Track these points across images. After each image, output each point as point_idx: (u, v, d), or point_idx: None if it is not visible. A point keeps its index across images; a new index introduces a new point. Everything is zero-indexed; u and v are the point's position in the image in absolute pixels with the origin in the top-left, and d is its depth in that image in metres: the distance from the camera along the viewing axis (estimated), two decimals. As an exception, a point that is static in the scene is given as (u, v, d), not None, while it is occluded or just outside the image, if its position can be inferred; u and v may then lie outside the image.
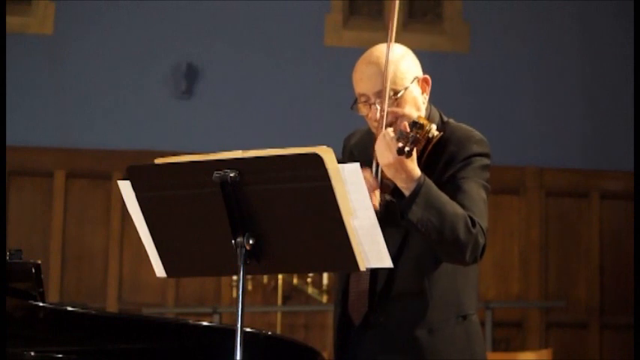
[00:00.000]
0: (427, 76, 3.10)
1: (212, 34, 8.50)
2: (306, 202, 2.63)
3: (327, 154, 2.59)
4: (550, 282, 8.40)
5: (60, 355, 3.57)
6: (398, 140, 2.81)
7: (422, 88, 3.09)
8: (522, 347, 8.00)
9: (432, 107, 3.12)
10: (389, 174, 2.87)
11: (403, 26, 8.69)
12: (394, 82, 3.00)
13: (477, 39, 8.65)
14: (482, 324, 7.26)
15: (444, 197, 2.88)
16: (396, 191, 2.92)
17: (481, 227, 2.91)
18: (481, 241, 2.91)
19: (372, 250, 2.65)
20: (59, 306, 3.86)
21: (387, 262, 2.67)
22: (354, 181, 2.61)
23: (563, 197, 8.53)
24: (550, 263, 8.43)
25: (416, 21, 8.81)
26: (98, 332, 3.71)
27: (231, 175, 2.63)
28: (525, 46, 8.63)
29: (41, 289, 3.55)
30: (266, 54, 8.50)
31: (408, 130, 2.82)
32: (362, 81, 3.04)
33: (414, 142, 2.82)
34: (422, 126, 2.84)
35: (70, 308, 3.71)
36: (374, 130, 3.04)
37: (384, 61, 3.00)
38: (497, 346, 7.77)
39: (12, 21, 8.00)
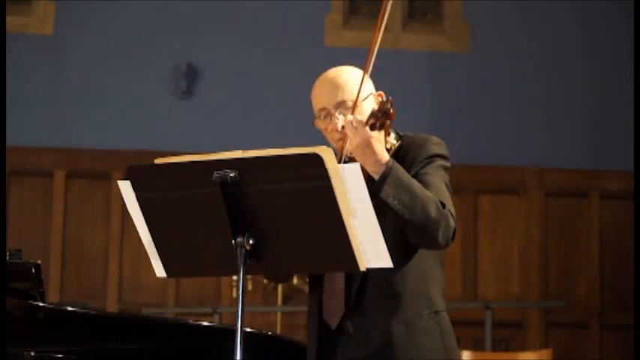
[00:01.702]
0: (381, 92, 3.18)
1: (212, 34, 8.50)
2: (306, 202, 2.64)
3: (327, 154, 2.59)
4: (550, 282, 8.40)
5: (60, 355, 3.57)
6: (369, 118, 2.90)
7: (377, 103, 3.16)
8: (522, 347, 7.99)
9: None
10: (358, 157, 2.89)
11: (403, 26, 8.70)
12: (352, 94, 3.09)
13: (477, 39, 8.65)
14: (482, 324, 7.26)
15: (413, 181, 2.94)
16: None
17: (450, 211, 2.97)
18: (452, 223, 2.96)
19: (372, 250, 2.66)
20: (59, 306, 3.86)
21: (387, 262, 2.68)
22: (354, 181, 2.61)
23: (563, 197, 8.53)
24: (550, 263, 8.43)
25: (416, 21, 8.80)
26: (98, 332, 3.71)
27: (231, 175, 2.63)
28: (525, 46, 8.63)
29: (41, 289, 3.55)
30: (266, 54, 8.50)
31: (377, 107, 2.92)
32: (322, 95, 3.13)
33: (386, 115, 2.90)
34: (391, 102, 2.92)
35: (70, 308, 3.71)
36: (333, 144, 3.10)
37: (339, 77, 3.13)
38: (497, 346, 7.76)
39: (12, 21, 8.00)
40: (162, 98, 8.46)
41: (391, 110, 2.90)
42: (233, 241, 2.68)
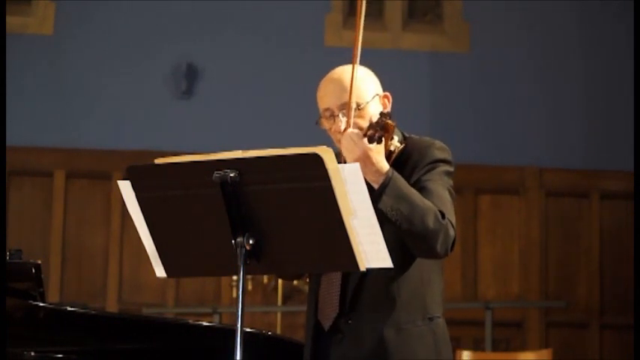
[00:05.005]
0: (387, 93, 3.19)
1: (212, 34, 8.50)
2: (306, 202, 2.64)
3: (327, 154, 2.59)
4: (550, 282, 8.40)
5: (60, 355, 3.57)
6: (368, 130, 2.89)
7: (383, 104, 3.17)
8: (522, 347, 7.99)
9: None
10: None
11: (403, 26, 8.70)
12: (357, 96, 3.08)
13: (477, 39, 8.65)
14: (482, 324, 7.26)
15: (413, 191, 2.94)
16: None
17: (450, 221, 2.96)
18: (451, 233, 2.96)
19: (372, 250, 2.66)
20: (59, 306, 3.86)
21: (387, 262, 2.68)
22: (354, 181, 2.61)
23: (563, 197, 8.53)
24: (550, 263, 8.43)
25: (416, 21, 8.81)
26: (98, 332, 3.71)
27: (231, 175, 2.63)
28: (525, 46, 8.63)
29: (41, 289, 3.55)
30: (266, 54, 8.50)
31: (376, 119, 2.91)
32: (326, 96, 3.13)
33: (384, 128, 2.89)
34: (389, 115, 2.91)
35: (70, 308, 3.71)
36: (337, 144, 3.10)
37: (345, 78, 3.10)
38: (497, 346, 7.76)
39: (12, 21, 8.00)
40: (163, 98, 8.47)
41: (389, 123, 2.90)
42: (233, 241, 2.68)
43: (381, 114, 2.91)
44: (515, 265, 8.43)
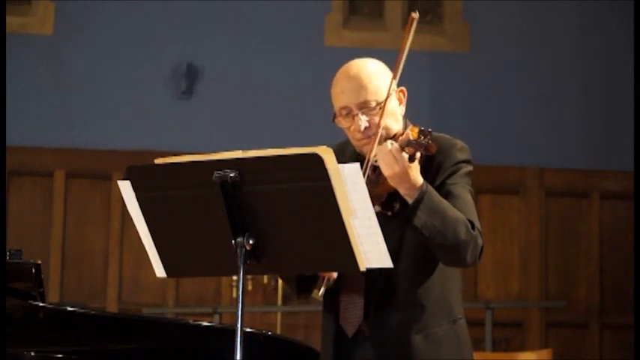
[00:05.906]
0: (403, 88, 3.19)
1: (212, 34, 8.50)
2: (306, 202, 2.63)
3: (327, 154, 2.59)
4: (550, 282, 8.40)
5: (60, 355, 3.57)
6: (407, 147, 2.87)
7: (399, 99, 3.18)
8: (522, 347, 7.99)
9: (408, 120, 3.16)
10: (393, 183, 2.90)
11: (403, 26, 8.70)
12: (376, 94, 3.06)
13: (477, 39, 8.65)
14: (482, 324, 7.26)
15: (445, 203, 2.96)
16: (385, 203, 2.96)
17: (479, 230, 3.00)
18: (480, 242, 2.99)
19: (372, 250, 2.66)
20: (59, 306, 3.86)
21: (387, 262, 2.68)
22: (354, 181, 2.61)
23: (563, 197, 8.53)
24: (550, 263, 8.43)
25: (416, 21, 8.79)
26: (98, 332, 3.71)
27: (231, 175, 2.63)
28: (525, 46, 8.63)
29: (41, 289, 3.55)
30: (266, 54, 8.50)
31: (415, 137, 2.89)
32: (344, 94, 3.07)
33: (427, 149, 2.88)
34: (430, 133, 2.90)
35: (70, 308, 3.71)
36: (355, 142, 3.09)
37: (362, 75, 3.07)
38: (497, 346, 7.76)
39: (12, 21, 8.00)
40: (163, 98, 8.46)
41: (432, 144, 2.87)
42: (233, 241, 2.67)
43: (423, 132, 2.88)
44: (515, 265, 8.43)
